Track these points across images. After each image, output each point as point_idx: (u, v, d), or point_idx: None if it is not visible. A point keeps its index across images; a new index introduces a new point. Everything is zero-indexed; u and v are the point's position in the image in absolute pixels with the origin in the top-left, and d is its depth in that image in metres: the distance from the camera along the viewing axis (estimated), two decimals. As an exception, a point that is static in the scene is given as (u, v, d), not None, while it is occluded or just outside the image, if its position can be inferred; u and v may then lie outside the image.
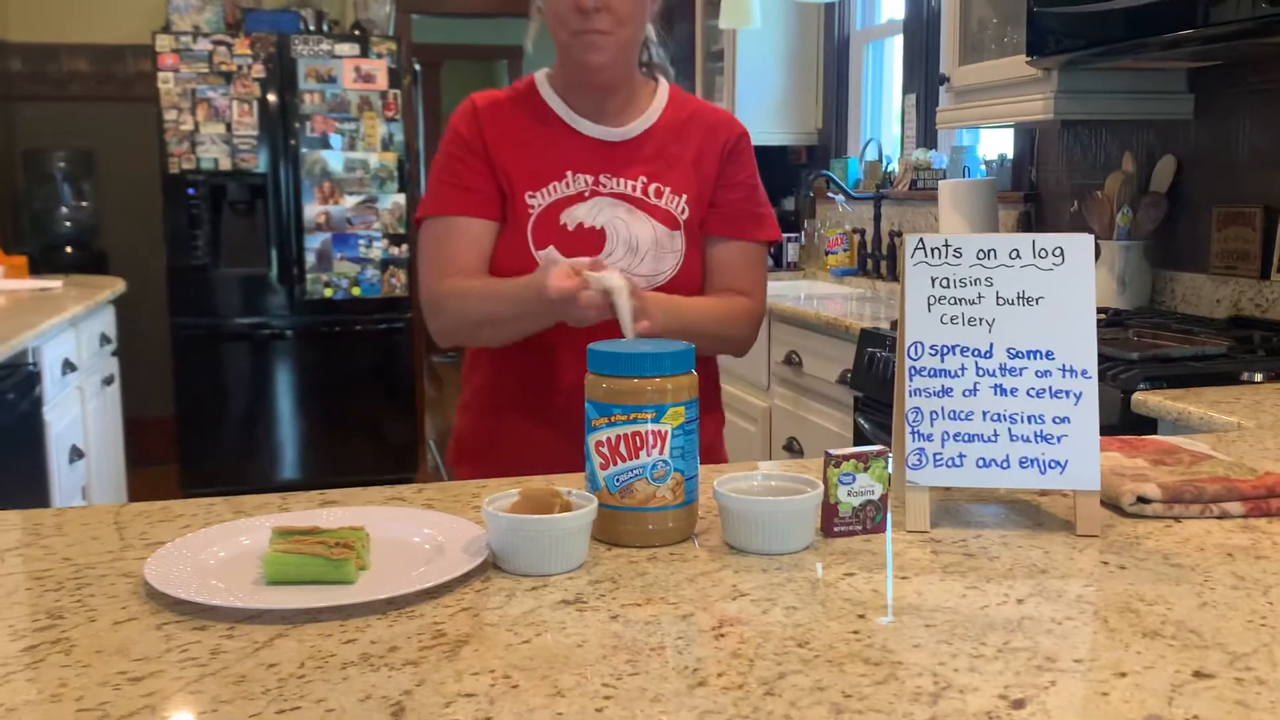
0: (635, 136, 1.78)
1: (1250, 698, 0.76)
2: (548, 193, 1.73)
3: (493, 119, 1.78)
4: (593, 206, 1.74)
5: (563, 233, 1.72)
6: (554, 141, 1.77)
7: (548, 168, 1.75)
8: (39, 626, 0.90)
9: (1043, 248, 1.15)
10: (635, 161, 1.77)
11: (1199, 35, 2.23)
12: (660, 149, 1.79)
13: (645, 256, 1.74)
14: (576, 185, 1.75)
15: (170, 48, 5.29)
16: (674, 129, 1.81)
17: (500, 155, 1.75)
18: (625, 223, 1.74)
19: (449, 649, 0.85)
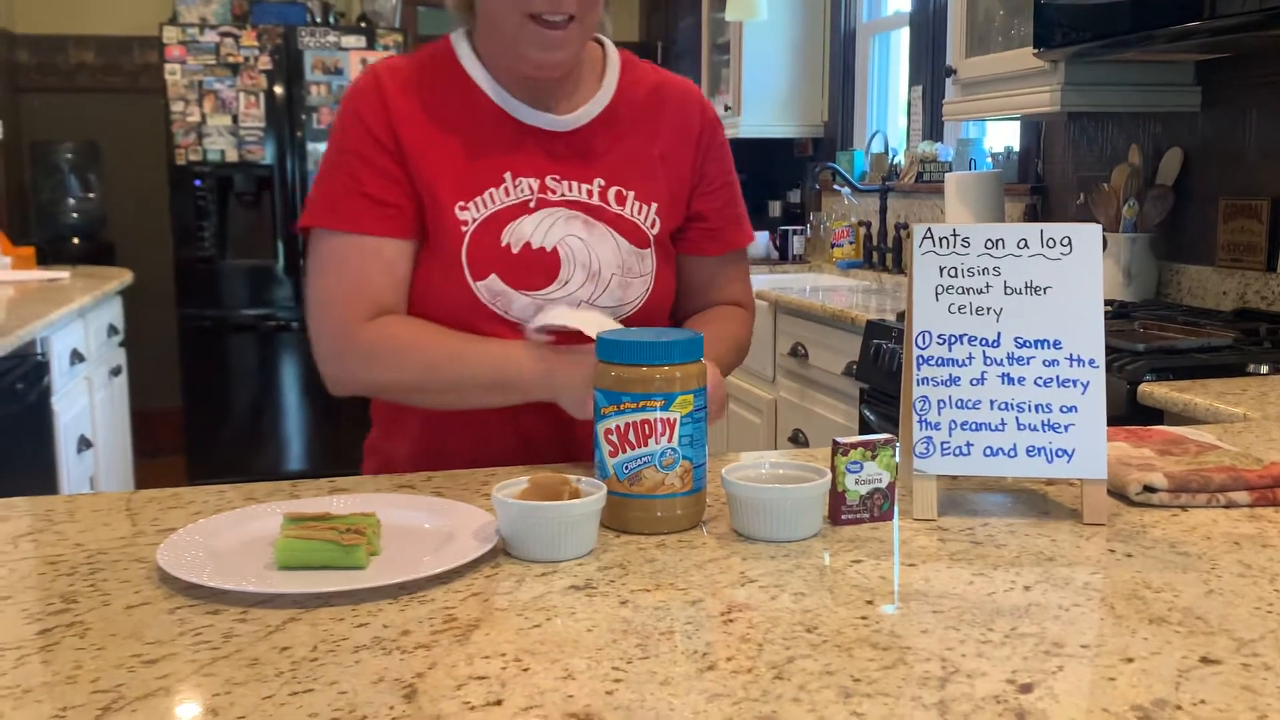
0: (588, 124, 1.45)
1: (1257, 683, 0.77)
2: (483, 203, 1.40)
3: (405, 104, 1.40)
4: (541, 221, 1.40)
5: (505, 256, 1.39)
6: (487, 134, 1.42)
7: (481, 170, 1.40)
8: (53, 610, 0.91)
9: (1050, 237, 1.15)
10: (589, 157, 1.45)
11: (1206, 27, 2.23)
12: (619, 139, 1.47)
13: (609, 283, 1.43)
14: (519, 192, 1.41)
15: (177, 39, 5.29)
16: (632, 111, 1.49)
17: (419, 155, 1.39)
18: (583, 240, 1.42)
19: (460, 633, 0.85)
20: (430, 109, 1.41)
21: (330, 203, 1.40)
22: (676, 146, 1.50)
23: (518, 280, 1.39)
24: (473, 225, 1.39)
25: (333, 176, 1.41)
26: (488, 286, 1.38)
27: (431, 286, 1.40)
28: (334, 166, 1.41)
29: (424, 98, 1.42)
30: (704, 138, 1.53)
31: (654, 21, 6.89)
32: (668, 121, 1.50)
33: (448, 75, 1.44)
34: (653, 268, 1.46)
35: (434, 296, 1.40)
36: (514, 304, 1.39)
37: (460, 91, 1.43)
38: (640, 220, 1.45)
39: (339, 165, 1.41)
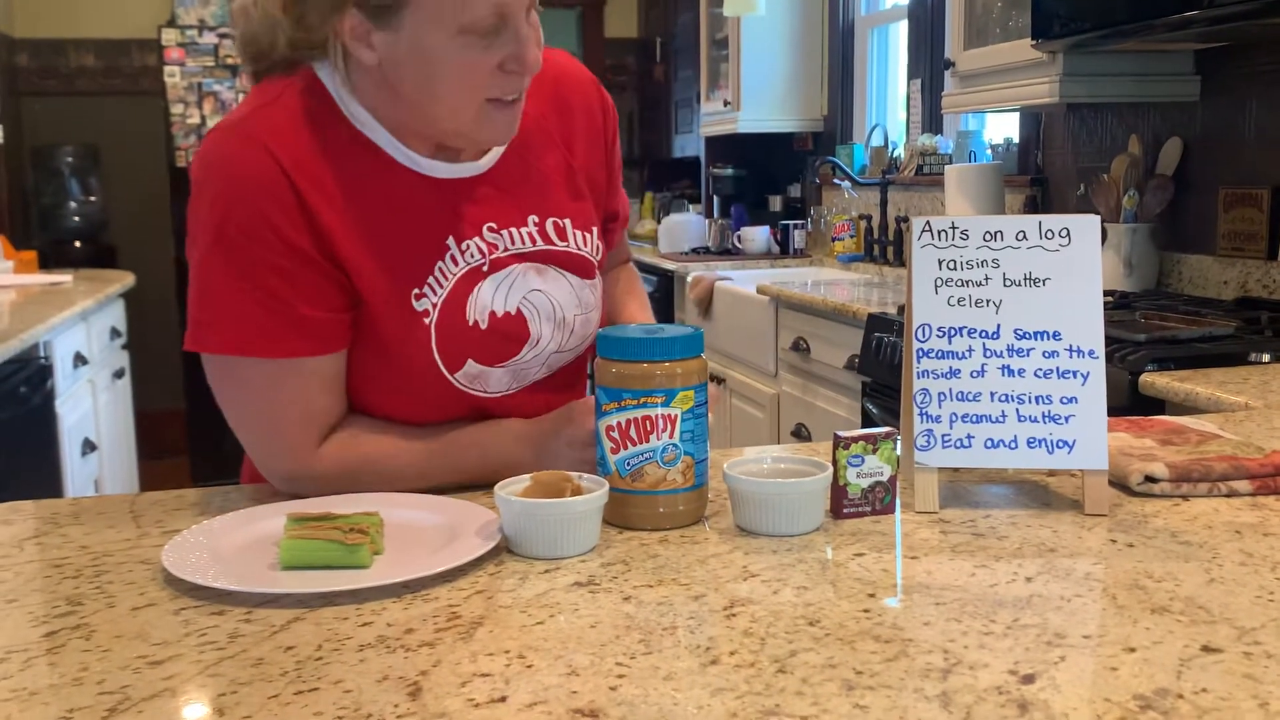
0: (498, 161, 1.28)
1: (1258, 671, 0.77)
2: (438, 283, 1.22)
3: (318, 191, 1.16)
4: (499, 283, 1.25)
5: (475, 337, 1.24)
6: (410, 201, 1.22)
7: (423, 245, 1.22)
8: (59, 613, 0.91)
9: (1049, 229, 1.15)
10: (514, 194, 1.29)
11: (1204, 16, 2.23)
12: (535, 160, 1.31)
13: (573, 326, 1.32)
14: (468, 258, 1.24)
15: (176, 41, 5.31)
16: (541, 121, 1.32)
17: (349, 246, 1.17)
18: (541, 292, 1.28)
19: (464, 630, 0.86)
20: (341, 186, 1.18)
21: (246, 325, 1.16)
22: (590, 151, 1.37)
23: (491, 357, 1.25)
24: (435, 313, 1.22)
25: (239, 289, 1.15)
26: (465, 374, 1.24)
27: (401, 385, 1.24)
28: (236, 275, 1.15)
29: (329, 173, 1.17)
30: (609, 133, 1.41)
31: (652, 17, 6.89)
32: (578, 125, 1.36)
33: (336, 130, 1.20)
34: (600, 293, 1.37)
35: (405, 395, 1.24)
36: (491, 380, 1.27)
37: (357, 150, 1.20)
38: (586, 251, 1.34)
39: (247, 275, 1.15)
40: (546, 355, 1.31)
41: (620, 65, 7.02)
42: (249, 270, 1.15)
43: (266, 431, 1.21)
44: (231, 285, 1.15)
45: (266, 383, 1.18)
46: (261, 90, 1.23)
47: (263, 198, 1.14)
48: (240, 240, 1.14)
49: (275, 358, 1.17)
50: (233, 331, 1.16)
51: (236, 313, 1.16)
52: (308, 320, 1.17)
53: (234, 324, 1.16)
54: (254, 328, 1.16)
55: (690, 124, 6.24)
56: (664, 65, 6.72)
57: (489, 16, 1.12)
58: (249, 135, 1.16)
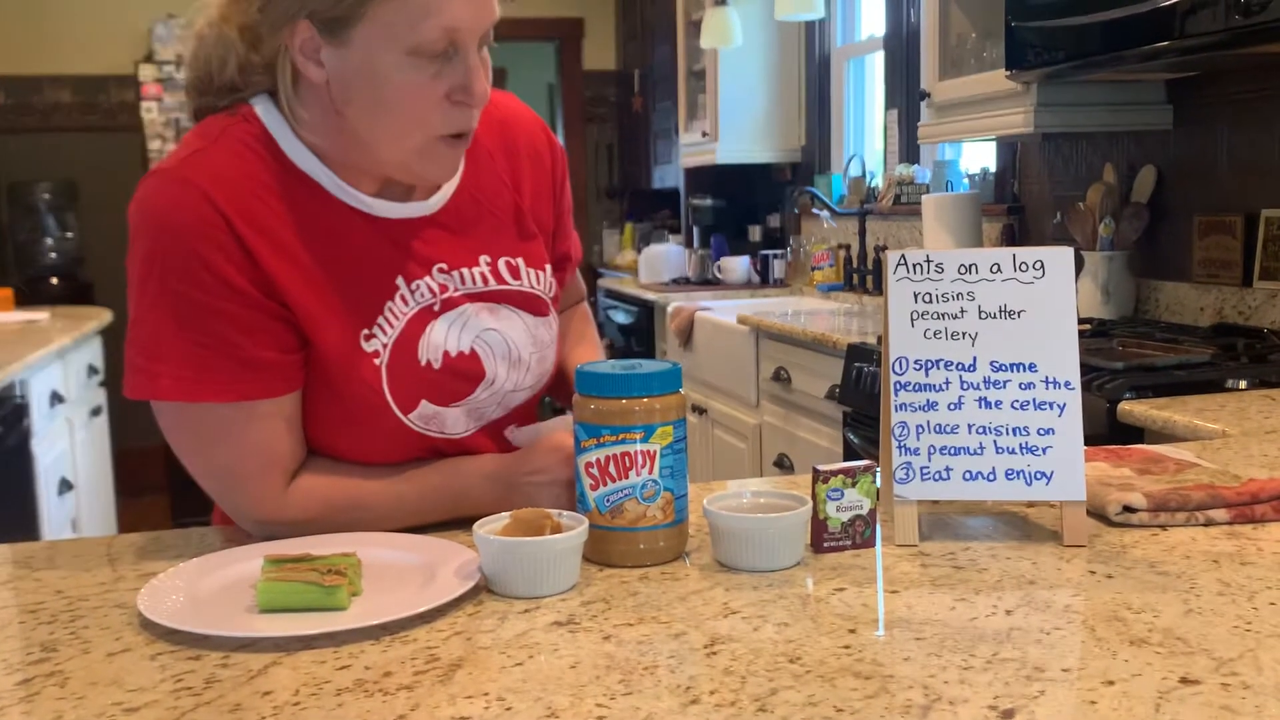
0: (447, 201, 1.27)
1: (1236, 703, 0.77)
2: (388, 323, 1.20)
3: (258, 233, 1.14)
4: (451, 323, 1.24)
5: (428, 377, 1.22)
6: (355, 242, 1.20)
7: (371, 286, 1.20)
8: (33, 660, 0.90)
9: (1023, 261, 1.16)
10: (464, 235, 1.28)
11: (1175, 47, 2.26)
12: (485, 202, 1.30)
13: (529, 365, 1.31)
14: (418, 298, 1.22)
15: (153, 77, 5.31)
16: (485, 164, 1.31)
17: (294, 289, 1.16)
18: (496, 331, 1.27)
19: (443, 673, 0.85)
20: (284, 226, 1.16)
21: (196, 372, 1.13)
22: (538, 193, 1.36)
23: (446, 397, 1.23)
24: (386, 354, 1.20)
25: (188, 335, 1.13)
26: (419, 415, 1.22)
27: (355, 428, 1.21)
28: (184, 322, 1.13)
29: (268, 214, 1.16)
30: (557, 175, 1.40)
31: (630, 50, 6.93)
32: (525, 167, 1.35)
33: (275, 169, 1.18)
34: (555, 332, 1.36)
35: (359, 438, 1.22)
36: (447, 421, 1.25)
37: (298, 189, 1.18)
38: (540, 290, 1.32)
39: (191, 321, 1.13)
40: (503, 394, 1.30)
41: (599, 97, 7.05)
42: (192, 315, 1.13)
43: (230, 480, 1.19)
44: (176, 332, 1.13)
45: (221, 429, 1.16)
46: (199, 132, 1.21)
47: (201, 243, 1.12)
48: (180, 286, 1.12)
49: (227, 401, 1.15)
50: (181, 376, 1.14)
51: (183, 357, 1.13)
52: (257, 361, 1.15)
53: (181, 369, 1.13)
54: (203, 372, 1.13)
55: (669, 155, 6.26)
56: (642, 97, 6.76)
57: (440, 40, 1.12)
58: (185, 180, 1.14)
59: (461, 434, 1.28)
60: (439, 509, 1.22)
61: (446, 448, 1.27)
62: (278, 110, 1.20)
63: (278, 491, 1.19)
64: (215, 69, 1.21)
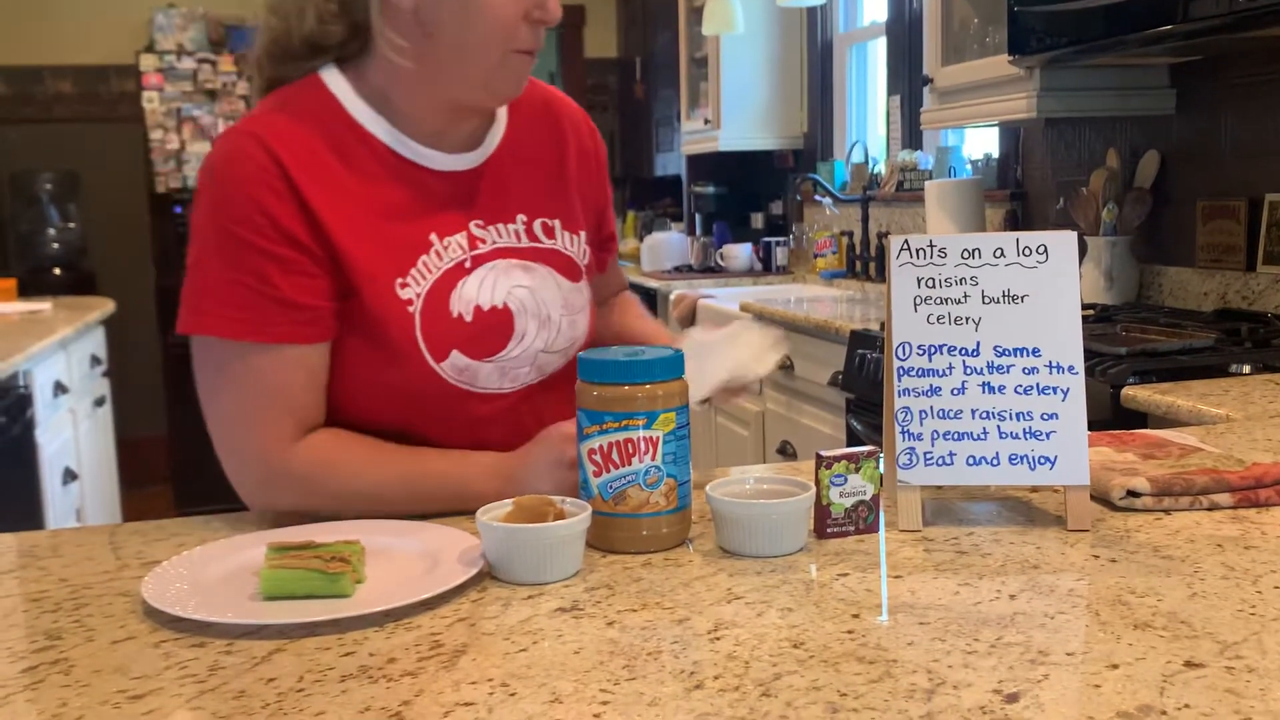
0: (491, 156, 1.34)
1: (1240, 686, 0.77)
2: (420, 275, 1.26)
3: (311, 178, 1.22)
4: (483, 278, 1.29)
5: (460, 328, 1.27)
6: (398, 192, 1.27)
7: (407, 238, 1.26)
8: (37, 648, 0.90)
9: (1026, 246, 1.16)
10: (504, 193, 1.34)
11: (1178, 31, 2.25)
12: (527, 165, 1.37)
13: (560, 326, 1.34)
14: (451, 254, 1.28)
15: (154, 67, 5.30)
16: (531, 131, 1.39)
17: (343, 237, 1.22)
18: (527, 289, 1.32)
19: (447, 659, 0.85)
20: (335, 177, 1.24)
21: (235, 308, 1.19)
22: (583, 169, 1.44)
23: (478, 350, 1.28)
24: (419, 302, 1.25)
25: (230, 273, 1.20)
26: (451, 365, 1.26)
27: (384, 378, 1.25)
28: (228, 260, 1.20)
29: (324, 163, 1.23)
30: (599, 156, 1.48)
31: (631, 37, 6.91)
32: (570, 143, 1.43)
33: (336, 127, 1.26)
34: (588, 299, 1.40)
35: (390, 389, 1.25)
36: (479, 375, 1.29)
37: (356, 145, 1.26)
38: (573, 253, 1.38)
39: (236, 260, 1.19)
40: (534, 354, 1.33)
41: (600, 85, 7.03)
42: (241, 256, 1.19)
43: (243, 423, 1.22)
44: (225, 272, 1.20)
45: (249, 369, 1.21)
46: (268, 99, 1.30)
47: (258, 189, 1.19)
48: (235, 228, 1.19)
49: (261, 341, 1.20)
50: (223, 315, 1.20)
51: (227, 297, 1.20)
52: (293, 304, 1.20)
53: (224, 307, 1.20)
54: (241, 310, 1.19)
55: (671, 142, 6.25)
56: (644, 84, 6.74)
57: None
58: (248, 134, 1.22)
59: (495, 390, 1.31)
60: (440, 495, 1.23)
61: (481, 408, 1.30)
62: (342, 75, 1.28)
63: (287, 439, 1.22)
64: (294, 22, 1.27)
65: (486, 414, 1.31)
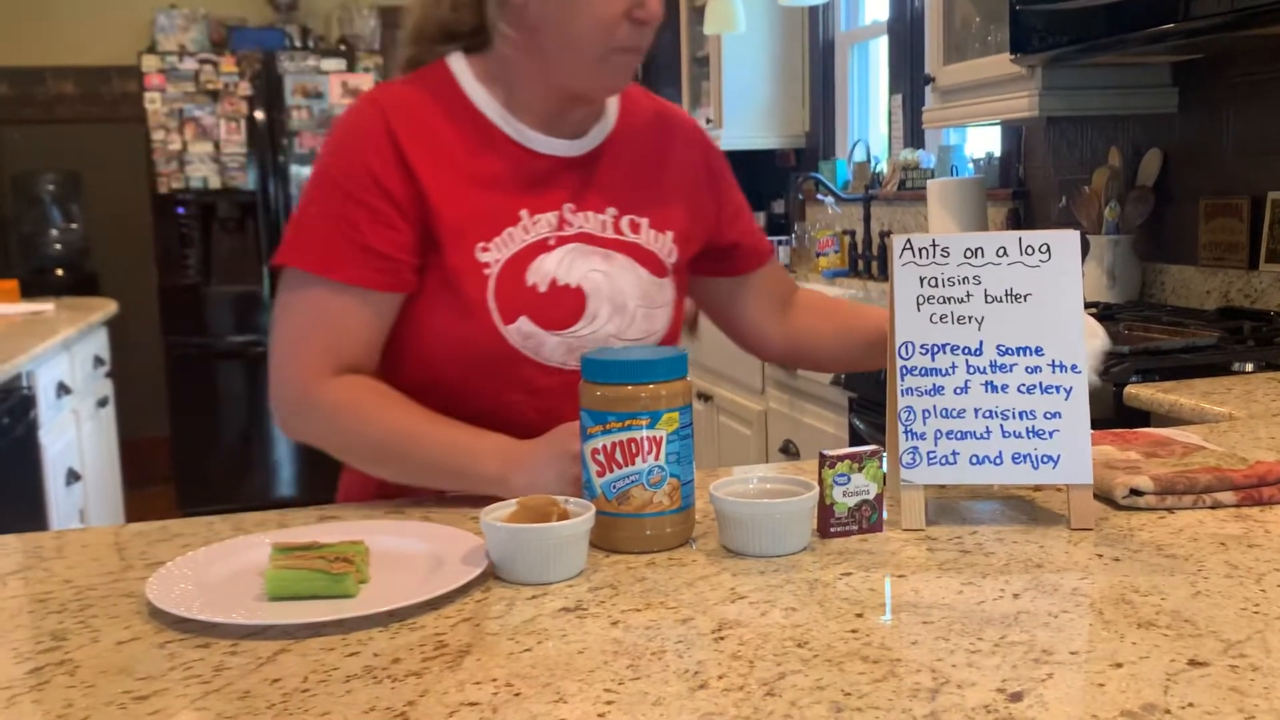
0: (595, 149, 1.41)
1: (1244, 684, 0.77)
2: (504, 243, 1.33)
3: (415, 142, 1.32)
4: (563, 257, 1.35)
5: (532, 296, 1.33)
6: (498, 167, 1.35)
7: (498, 208, 1.34)
8: (43, 648, 0.90)
9: (1029, 245, 1.16)
10: (599, 186, 1.40)
11: (1180, 29, 2.25)
12: (626, 166, 1.43)
13: (635, 316, 1.39)
14: (538, 230, 1.35)
15: (156, 68, 5.30)
16: (636, 137, 1.46)
17: (436, 195, 1.31)
18: (605, 274, 1.37)
19: (451, 659, 0.85)
20: (440, 144, 1.33)
21: (320, 245, 1.30)
22: (689, 176, 1.48)
23: (547, 321, 1.33)
24: (496, 267, 1.31)
25: (326, 215, 1.31)
26: (518, 330, 1.32)
27: (453, 332, 1.32)
28: (328, 205, 1.31)
29: (432, 131, 1.33)
30: (713, 167, 1.53)
31: (633, 37, 6.90)
32: (676, 151, 1.48)
33: (451, 103, 1.36)
34: (671, 297, 1.44)
35: (457, 342, 1.32)
36: (545, 345, 1.34)
37: (466, 121, 1.35)
38: (657, 249, 1.42)
39: (333, 205, 1.30)
40: (604, 337, 1.37)
41: (602, 85, 7.02)
42: (338, 202, 1.31)
43: (290, 349, 1.32)
44: (320, 214, 1.32)
45: (314, 301, 1.31)
46: (400, 76, 1.42)
47: (365, 146, 1.31)
48: (339, 178, 1.32)
49: (331, 279, 1.29)
50: (307, 249, 1.31)
51: (315, 234, 1.31)
52: (374, 253, 1.29)
53: (310, 243, 1.31)
54: (325, 249, 1.30)
55: (673, 142, 6.24)
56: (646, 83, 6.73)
57: None
58: (371, 100, 1.36)
59: (558, 365, 1.35)
60: (443, 464, 1.27)
61: (544, 379, 1.35)
62: (465, 60, 1.39)
63: (322, 374, 1.30)
64: (432, 9, 1.40)
65: (548, 386, 1.35)
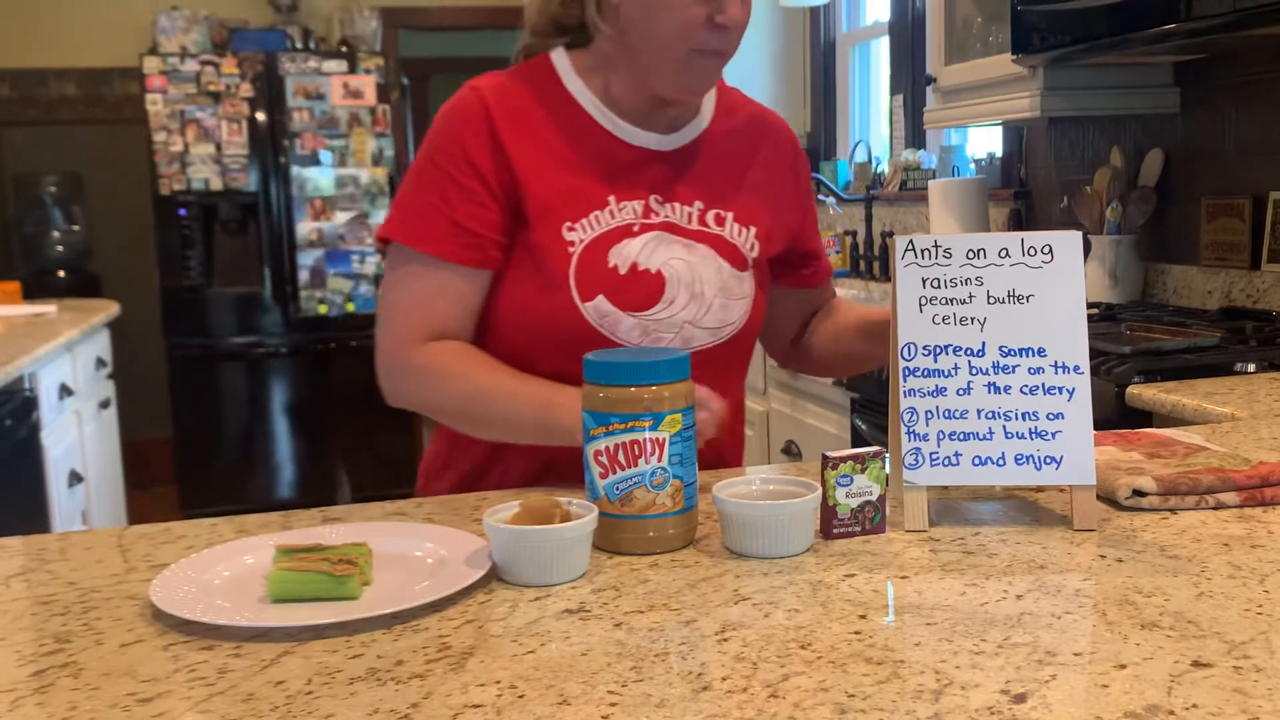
0: (687, 145, 1.48)
1: (1248, 685, 0.77)
2: (590, 225, 1.40)
3: (512, 126, 1.41)
4: (646, 243, 1.41)
5: (612, 278, 1.39)
6: (590, 155, 1.43)
7: (587, 193, 1.41)
8: (46, 651, 0.90)
9: (1031, 246, 1.16)
10: (688, 180, 1.46)
11: (1182, 29, 2.25)
12: (716, 163, 1.49)
13: (712, 305, 1.44)
14: (623, 215, 1.41)
15: (158, 69, 5.30)
16: (730, 139, 1.51)
17: (527, 176, 1.39)
18: (686, 262, 1.42)
19: (454, 661, 0.85)
20: (536, 129, 1.42)
21: (416, 220, 1.41)
22: (776, 178, 1.54)
23: (625, 301, 1.39)
24: (580, 246, 1.39)
25: (422, 193, 1.42)
26: (595, 308, 1.38)
27: (534, 306, 1.40)
28: (425, 183, 1.42)
29: (529, 117, 1.42)
30: (801, 175, 1.59)
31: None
32: (767, 152, 1.54)
33: (549, 93, 1.45)
34: (751, 291, 1.48)
35: (536, 316, 1.40)
36: (620, 325, 1.39)
37: (562, 109, 1.44)
38: (739, 242, 1.47)
39: (431, 183, 1.41)
40: (680, 323, 1.42)
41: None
42: (436, 180, 1.41)
43: (389, 319, 1.42)
44: (420, 191, 1.42)
45: (411, 273, 1.41)
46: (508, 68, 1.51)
47: (464, 129, 1.41)
48: (438, 158, 1.41)
49: (425, 252, 1.39)
50: (406, 223, 1.42)
51: (412, 209, 1.42)
52: (462, 228, 1.39)
53: (409, 218, 1.42)
54: (421, 223, 1.40)
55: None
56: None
57: None
58: (473, 87, 1.44)
59: (634, 345, 1.40)
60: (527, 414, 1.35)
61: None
62: (566, 54, 1.47)
63: (416, 340, 1.40)
64: (543, 4, 1.48)
65: None
